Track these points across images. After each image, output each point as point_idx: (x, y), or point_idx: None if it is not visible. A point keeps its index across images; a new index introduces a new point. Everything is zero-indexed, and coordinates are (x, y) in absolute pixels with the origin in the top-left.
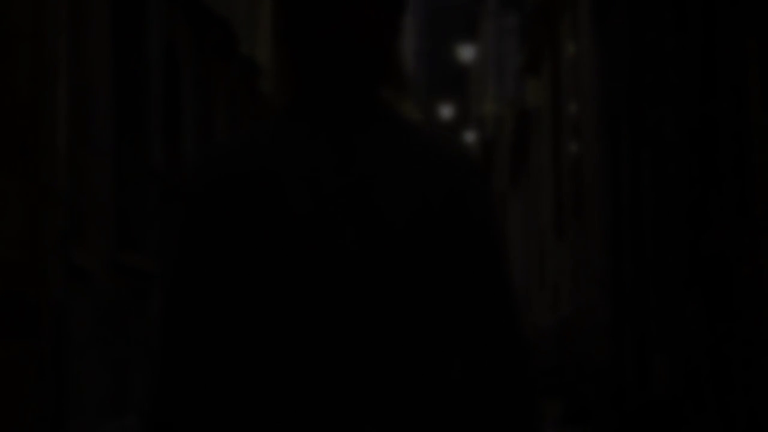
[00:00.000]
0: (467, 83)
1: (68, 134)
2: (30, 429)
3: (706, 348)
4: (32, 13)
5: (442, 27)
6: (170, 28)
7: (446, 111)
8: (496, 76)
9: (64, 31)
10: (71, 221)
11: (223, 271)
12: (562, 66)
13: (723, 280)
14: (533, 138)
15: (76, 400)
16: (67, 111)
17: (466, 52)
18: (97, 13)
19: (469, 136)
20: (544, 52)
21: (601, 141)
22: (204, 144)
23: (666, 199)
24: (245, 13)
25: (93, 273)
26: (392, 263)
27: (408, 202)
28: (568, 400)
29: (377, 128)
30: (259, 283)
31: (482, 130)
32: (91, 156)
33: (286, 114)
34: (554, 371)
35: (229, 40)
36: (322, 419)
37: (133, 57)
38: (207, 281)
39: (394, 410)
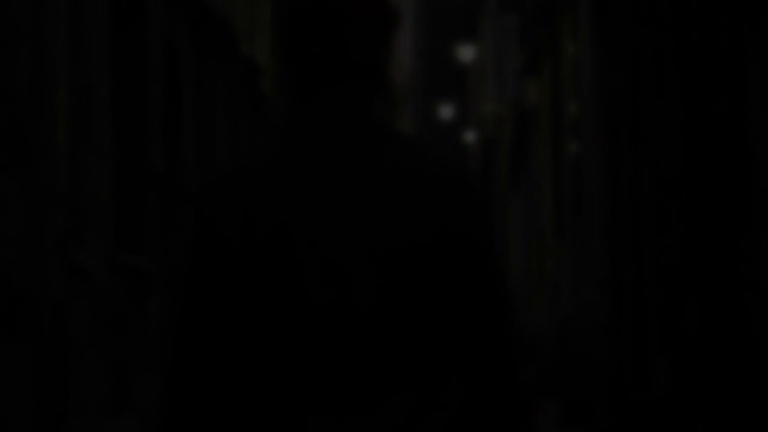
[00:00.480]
0: (467, 83)
1: (68, 134)
2: (30, 429)
3: (706, 348)
4: (32, 13)
5: (442, 27)
6: (170, 28)
7: (446, 111)
8: (496, 76)
9: (64, 31)
10: (71, 221)
11: (228, 291)
12: (562, 66)
13: (723, 280)
14: (533, 138)
15: (76, 400)
16: (67, 111)
17: (466, 52)
18: (97, 13)
19: (469, 136)
20: (544, 52)
21: (601, 141)
22: (204, 144)
23: (666, 199)
24: (245, 13)
25: (93, 273)
26: (390, 286)
27: (405, 226)
28: (568, 400)
29: (374, 148)
30: (263, 305)
31: (482, 130)
32: (91, 156)
33: (288, 131)
34: (554, 371)
35: (229, 40)
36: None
37: (133, 57)
38: (214, 300)
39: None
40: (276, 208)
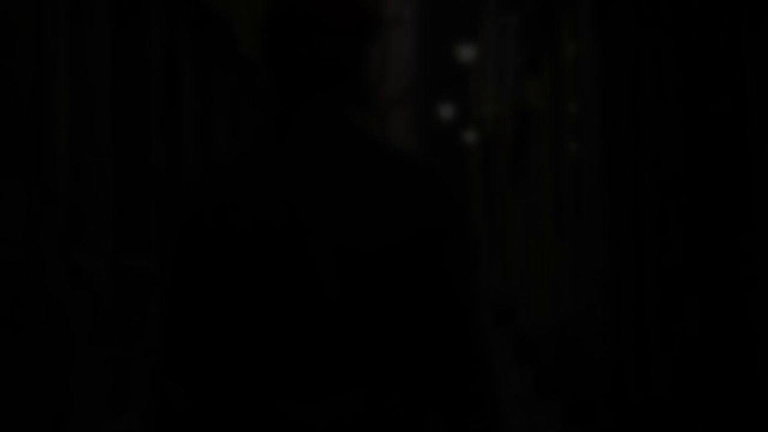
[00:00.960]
0: (467, 83)
1: (68, 134)
2: (30, 429)
3: (706, 348)
4: (32, 13)
5: (442, 27)
6: (170, 28)
7: (446, 111)
8: (496, 76)
9: (64, 31)
10: (71, 221)
11: (211, 288)
12: (562, 66)
13: (723, 280)
14: (533, 138)
15: (76, 400)
16: (67, 111)
17: (466, 52)
18: (97, 13)
19: (469, 136)
20: (544, 52)
21: (601, 141)
22: (204, 144)
23: (666, 199)
24: (245, 13)
25: (93, 273)
26: (361, 282)
27: (378, 224)
28: (568, 400)
29: (350, 149)
30: (239, 298)
31: (482, 130)
32: (91, 156)
33: (270, 132)
34: (554, 371)
35: (229, 40)
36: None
37: (133, 57)
38: (198, 296)
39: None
40: (251, 205)
